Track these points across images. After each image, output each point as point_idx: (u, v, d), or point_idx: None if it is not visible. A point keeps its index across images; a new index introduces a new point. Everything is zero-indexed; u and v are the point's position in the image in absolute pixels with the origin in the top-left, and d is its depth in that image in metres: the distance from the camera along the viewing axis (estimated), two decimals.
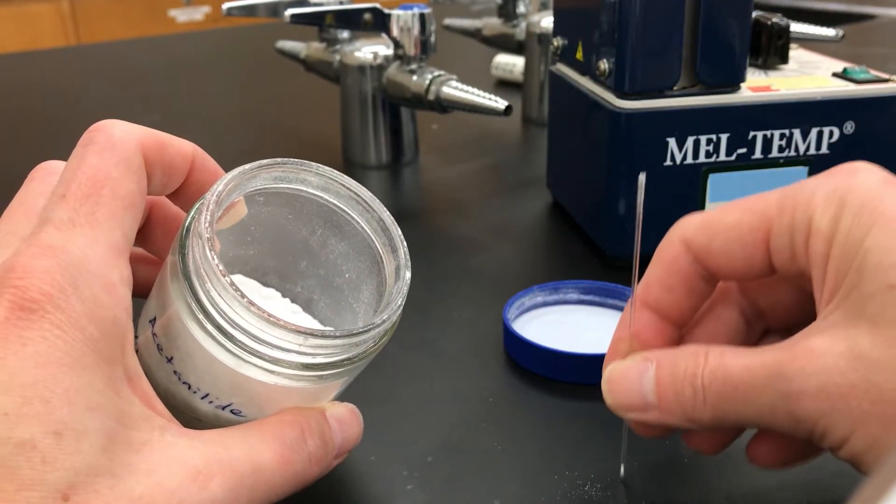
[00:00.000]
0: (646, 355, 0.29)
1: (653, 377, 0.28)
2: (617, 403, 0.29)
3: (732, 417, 0.27)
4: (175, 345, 0.29)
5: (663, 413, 0.28)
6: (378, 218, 0.32)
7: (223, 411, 0.29)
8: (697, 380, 0.27)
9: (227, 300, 0.27)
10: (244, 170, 0.30)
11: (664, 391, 0.28)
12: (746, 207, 0.28)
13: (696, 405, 0.27)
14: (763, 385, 0.26)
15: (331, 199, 0.32)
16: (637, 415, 0.29)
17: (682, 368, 0.27)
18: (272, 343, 0.27)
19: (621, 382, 0.29)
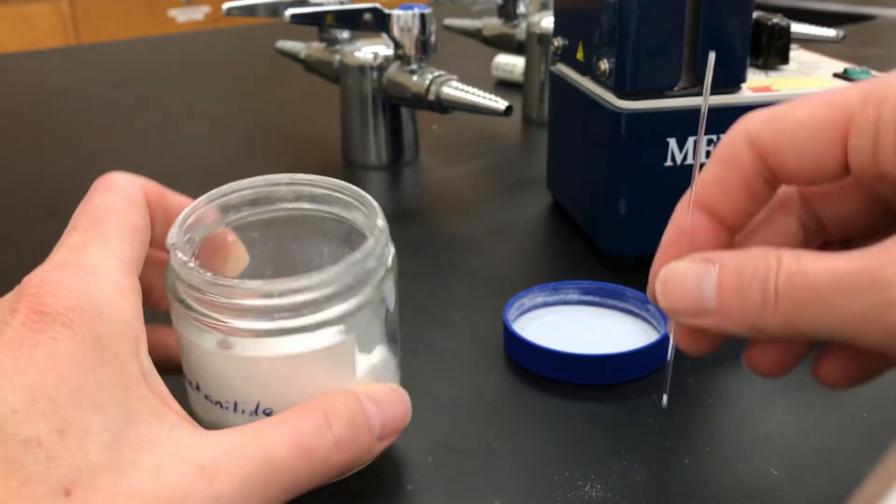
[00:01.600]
0: (706, 255, 0.26)
1: (714, 280, 0.25)
2: (671, 306, 0.27)
3: (808, 327, 0.24)
4: (191, 366, 0.30)
5: (722, 318, 0.25)
6: (354, 196, 0.33)
7: (257, 416, 0.30)
8: (770, 284, 0.24)
9: (198, 283, 0.28)
10: (215, 191, 0.33)
11: (727, 296, 0.25)
12: (823, 101, 0.25)
13: (764, 312, 0.24)
14: (853, 292, 0.23)
15: (306, 205, 0.34)
16: (693, 320, 0.26)
17: (749, 270, 0.25)
18: (255, 306, 0.28)
19: (678, 284, 0.26)
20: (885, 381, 0.40)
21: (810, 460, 0.34)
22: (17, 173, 0.75)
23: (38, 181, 0.72)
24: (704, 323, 0.26)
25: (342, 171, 0.72)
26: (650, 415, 0.37)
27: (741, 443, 0.36)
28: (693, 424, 0.37)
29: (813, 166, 0.26)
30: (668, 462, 0.34)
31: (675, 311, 0.27)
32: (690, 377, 0.40)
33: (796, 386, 0.40)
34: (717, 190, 0.27)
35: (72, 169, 0.75)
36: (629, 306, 0.44)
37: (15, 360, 0.24)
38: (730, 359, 0.42)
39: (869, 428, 0.36)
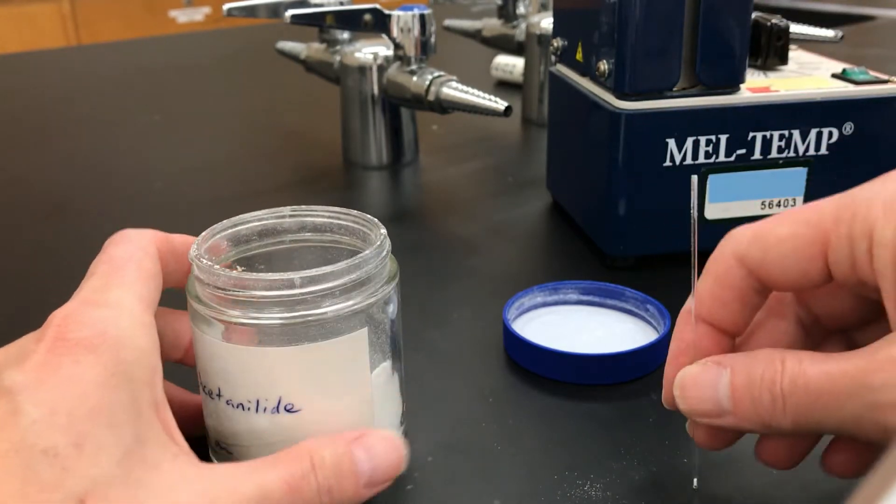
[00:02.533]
0: (718, 359, 0.28)
1: (727, 383, 0.28)
2: (691, 409, 0.29)
3: (814, 425, 0.26)
4: (212, 370, 0.31)
5: (739, 419, 0.28)
6: (353, 219, 0.35)
7: (279, 414, 0.31)
8: (777, 387, 0.26)
9: (223, 282, 0.30)
10: (225, 221, 0.35)
11: (740, 397, 0.27)
12: (800, 219, 0.28)
13: (774, 412, 0.27)
14: (847, 395, 0.25)
15: (310, 235, 0.36)
16: (711, 420, 0.28)
17: (758, 374, 0.27)
18: (278, 297, 0.30)
19: (695, 388, 0.29)
20: None
21: (809, 458, 0.34)
22: (17, 173, 0.75)
23: (38, 181, 0.72)
24: (723, 423, 0.28)
25: (342, 172, 0.72)
26: (650, 414, 0.38)
27: (741, 442, 0.36)
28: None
29: (799, 277, 0.28)
30: (667, 461, 0.34)
31: (695, 413, 0.29)
32: None
33: None
34: (713, 303, 0.30)
35: (72, 169, 0.75)
36: (628, 306, 0.45)
37: (39, 379, 0.26)
38: None
39: None
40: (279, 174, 0.72)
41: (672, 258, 0.52)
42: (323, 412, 0.31)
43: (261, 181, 0.71)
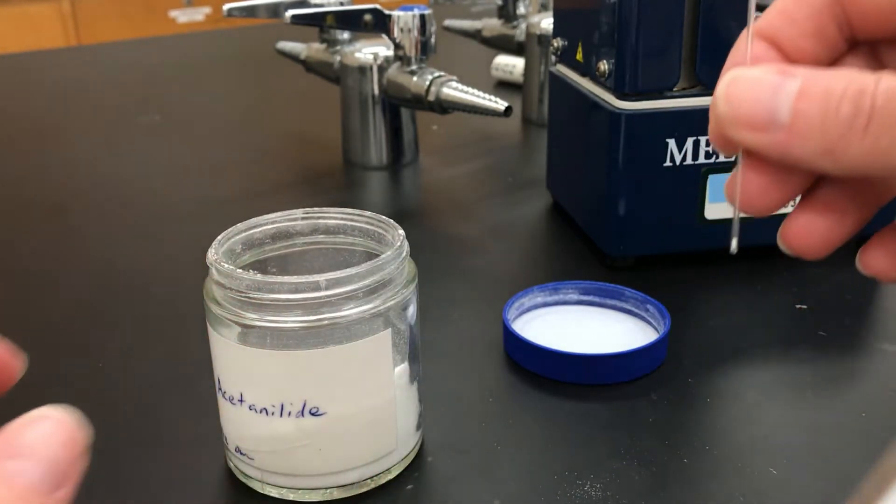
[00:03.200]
0: (784, 69, 0.22)
1: (795, 89, 0.21)
2: (734, 112, 0.22)
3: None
4: (235, 374, 0.31)
5: (794, 136, 0.21)
6: (366, 220, 0.35)
7: (304, 417, 0.31)
8: (865, 98, 0.20)
9: (245, 285, 0.30)
10: (239, 225, 0.35)
11: (807, 107, 0.21)
12: None
13: (851, 131, 0.20)
14: None
15: (323, 238, 0.36)
16: (756, 135, 0.22)
17: (840, 84, 0.21)
18: (302, 300, 0.30)
19: (748, 89, 0.22)
20: (884, 382, 0.40)
21: (809, 460, 0.34)
22: (16, 173, 0.75)
23: (38, 181, 0.72)
24: (769, 141, 0.22)
25: (342, 172, 0.72)
26: (649, 414, 0.38)
27: (740, 442, 0.36)
28: (692, 424, 0.37)
29: (885, 17, 0.23)
30: (667, 461, 0.34)
31: (739, 118, 0.22)
32: (689, 376, 0.40)
33: (794, 385, 0.40)
34: (783, 20, 0.24)
35: (72, 169, 0.75)
36: (628, 306, 0.45)
37: None
38: (729, 358, 0.42)
39: (868, 428, 0.36)
40: (279, 174, 0.72)
41: (672, 258, 0.52)
42: (347, 415, 0.31)
43: (261, 181, 0.71)
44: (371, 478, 0.33)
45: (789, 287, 0.49)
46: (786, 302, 0.47)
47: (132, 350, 0.45)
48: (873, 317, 0.46)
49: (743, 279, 0.50)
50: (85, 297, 0.51)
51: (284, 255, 0.35)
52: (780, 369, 0.41)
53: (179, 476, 0.35)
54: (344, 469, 0.32)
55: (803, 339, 0.43)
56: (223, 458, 0.35)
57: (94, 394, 0.41)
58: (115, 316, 0.49)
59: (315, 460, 0.32)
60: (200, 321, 0.33)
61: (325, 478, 0.32)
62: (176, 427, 0.38)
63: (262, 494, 0.33)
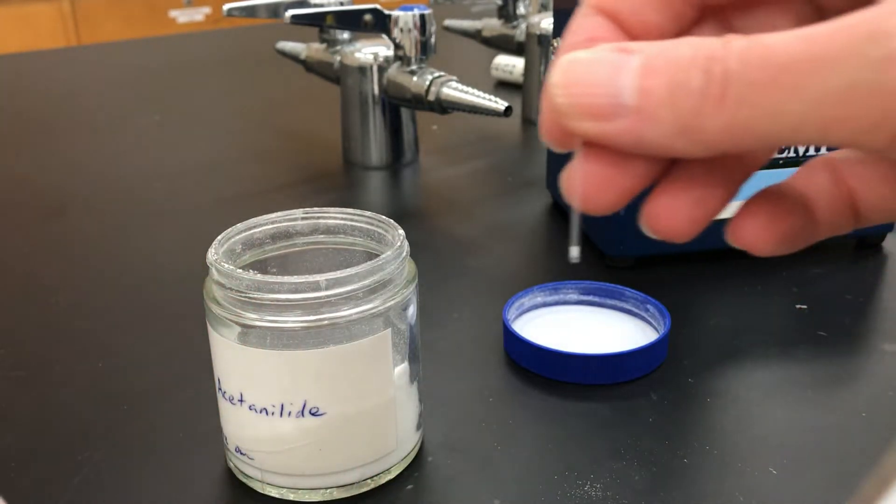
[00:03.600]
0: (622, 45, 0.19)
1: (637, 65, 0.18)
2: (573, 102, 0.19)
3: (763, 123, 0.17)
4: (234, 374, 0.31)
5: (643, 120, 0.18)
6: (366, 220, 0.35)
7: (304, 418, 0.31)
8: (716, 64, 0.17)
9: (245, 285, 0.30)
10: (239, 225, 0.34)
11: (653, 83, 0.18)
12: None
13: (705, 104, 0.18)
14: (839, 54, 0.16)
15: (323, 238, 0.36)
16: (601, 124, 0.19)
17: (687, 54, 0.18)
18: (302, 300, 0.30)
19: (584, 71, 0.19)
20: (884, 382, 0.40)
21: (809, 460, 0.34)
22: (16, 173, 0.75)
23: (38, 181, 0.72)
24: (617, 129, 0.19)
25: (342, 172, 0.72)
26: (650, 414, 0.38)
27: (740, 442, 0.36)
28: (692, 424, 0.37)
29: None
30: (666, 461, 0.34)
31: (577, 109, 0.19)
32: (689, 376, 0.40)
33: (794, 385, 0.40)
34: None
35: (72, 169, 0.75)
36: (628, 306, 0.45)
37: None
38: (728, 358, 0.42)
39: (868, 428, 0.36)
40: (279, 174, 0.72)
41: (672, 258, 0.52)
42: (348, 415, 0.31)
43: (260, 181, 0.71)
44: (371, 478, 0.33)
45: (789, 287, 0.49)
46: (786, 302, 0.47)
47: (132, 350, 0.45)
48: (873, 317, 0.46)
49: (743, 279, 0.50)
50: (84, 297, 0.51)
51: (284, 255, 0.35)
52: (780, 369, 0.41)
53: (179, 476, 0.35)
54: (344, 469, 0.32)
55: (803, 339, 0.43)
56: (223, 458, 0.35)
57: (93, 394, 0.41)
58: (115, 316, 0.48)
59: (315, 460, 0.32)
60: (200, 321, 0.33)
61: (325, 478, 0.32)
62: (176, 427, 0.38)
63: (262, 494, 0.33)
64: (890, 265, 0.52)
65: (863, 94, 0.16)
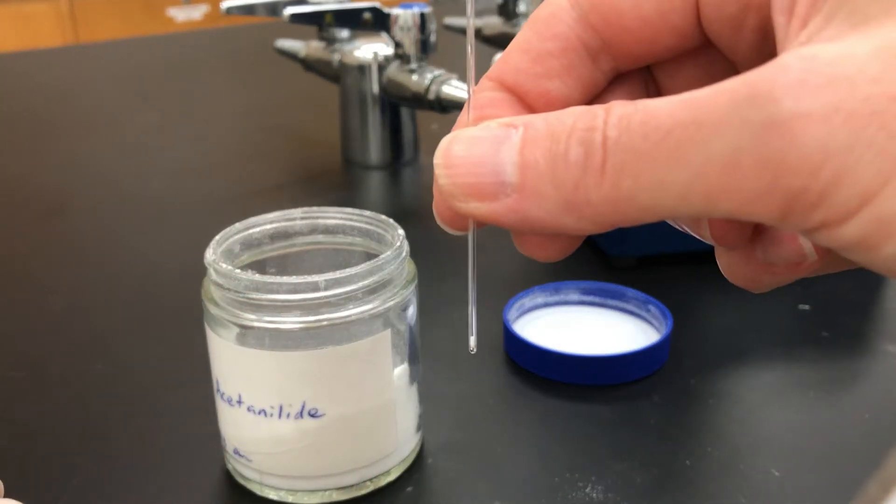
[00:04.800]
0: (507, 121, 0.18)
1: (518, 141, 0.18)
2: (454, 182, 0.19)
3: (646, 192, 0.16)
4: (232, 375, 0.31)
5: (526, 197, 0.18)
6: (365, 220, 0.35)
7: (303, 419, 0.31)
8: (596, 133, 0.17)
9: (244, 286, 0.30)
10: (237, 224, 0.34)
11: (532, 157, 0.18)
12: None
13: (585, 175, 0.17)
14: (720, 120, 0.15)
15: (322, 238, 0.35)
16: (485, 204, 0.18)
17: (567, 125, 0.17)
18: (302, 300, 0.30)
19: (466, 152, 0.18)
20: (887, 383, 0.40)
21: (811, 461, 0.34)
22: (15, 172, 0.75)
23: (37, 180, 0.72)
24: (502, 209, 0.18)
25: (341, 171, 0.72)
26: (651, 416, 0.37)
27: (742, 444, 0.35)
28: (694, 425, 0.37)
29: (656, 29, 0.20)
30: (668, 463, 0.34)
31: (462, 189, 0.19)
32: (691, 377, 0.40)
33: (797, 386, 0.40)
34: (522, 59, 0.20)
35: (70, 168, 0.75)
36: (630, 307, 0.44)
37: None
38: (730, 359, 0.42)
39: (869, 429, 0.36)
40: (278, 173, 0.72)
41: (673, 258, 0.51)
42: (347, 416, 0.31)
43: (259, 180, 0.71)
44: (370, 479, 0.33)
45: (792, 288, 0.48)
46: (788, 303, 0.47)
47: (130, 351, 0.44)
48: (876, 318, 0.46)
49: None
50: (83, 297, 0.51)
51: (283, 255, 0.35)
52: (782, 370, 0.41)
53: (177, 478, 0.34)
54: (343, 471, 0.32)
55: (806, 341, 0.43)
56: (222, 460, 0.35)
57: (91, 395, 0.40)
58: (113, 316, 0.48)
59: (314, 462, 0.32)
60: (199, 322, 0.33)
61: (324, 479, 0.32)
62: (174, 428, 0.37)
63: (260, 496, 0.33)
64: None
65: (746, 163, 0.15)
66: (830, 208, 0.15)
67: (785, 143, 0.15)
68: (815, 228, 0.15)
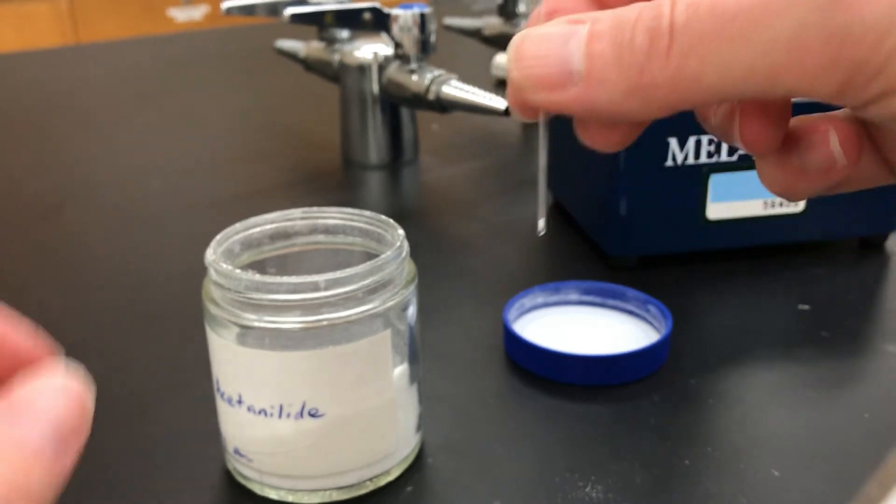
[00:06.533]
0: (574, 17, 0.19)
1: (585, 34, 0.19)
2: (524, 74, 0.20)
3: (710, 75, 0.18)
4: (232, 375, 0.31)
5: (593, 83, 0.19)
6: (365, 220, 0.35)
7: (303, 419, 0.31)
8: (662, 20, 0.18)
9: (244, 286, 0.30)
10: (237, 225, 0.34)
11: (599, 47, 0.19)
12: None
13: (650, 59, 0.18)
14: (784, 2, 0.16)
15: (322, 238, 0.35)
16: (553, 94, 0.19)
17: (632, 15, 0.18)
18: (302, 300, 0.30)
19: (538, 46, 0.20)
20: (887, 383, 0.40)
21: (811, 461, 0.34)
22: (14, 172, 0.75)
23: (36, 180, 0.72)
24: (570, 98, 0.19)
25: (341, 171, 0.72)
26: (651, 416, 0.37)
27: (741, 444, 0.35)
28: (693, 425, 0.37)
29: None
30: (668, 463, 0.34)
31: (531, 81, 0.20)
32: (691, 378, 0.40)
33: (796, 386, 0.40)
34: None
35: (70, 168, 0.75)
36: (630, 306, 0.44)
37: None
38: (730, 359, 0.42)
39: (869, 429, 0.36)
40: (278, 174, 0.72)
41: (674, 258, 0.51)
42: (347, 416, 0.31)
43: (259, 181, 0.71)
44: (370, 479, 0.33)
45: (791, 287, 0.49)
46: (788, 302, 0.47)
47: (130, 351, 0.44)
48: (876, 318, 0.46)
49: (745, 279, 0.50)
50: (82, 297, 0.51)
51: (283, 255, 0.35)
52: (781, 370, 0.41)
53: (178, 478, 0.34)
54: (343, 471, 0.32)
55: (805, 340, 0.43)
56: (222, 460, 0.35)
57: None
58: (113, 316, 0.48)
59: (314, 462, 0.32)
60: (199, 322, 0.33)
61: (325, 479, 0.32)
62: (174, 428, 0.37)
63: (260, 496, 0.33)
64: (892, 266, 0.51)
65: (811, 39, 0.16)
66: (890, 79, 0.16)
67: (848, 17, 0.16)
68: (872, 100, 0.16)
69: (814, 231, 0.51)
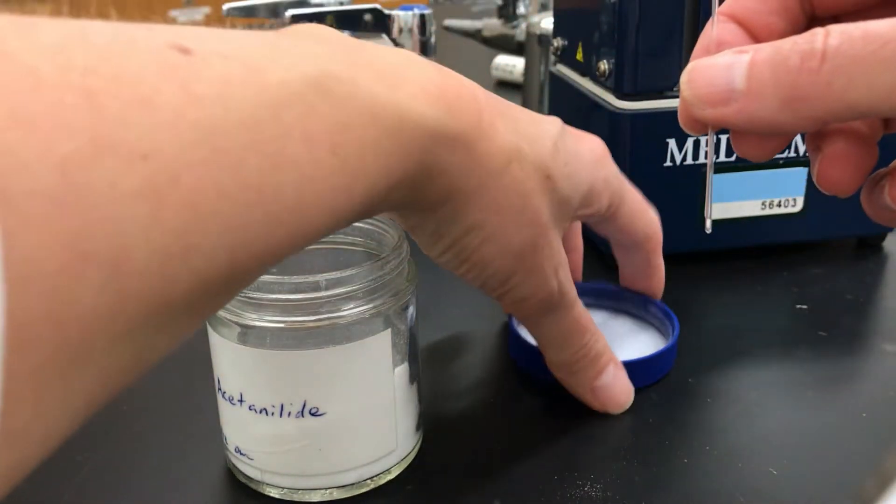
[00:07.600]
0: (740, 48, 0.23)
1: (746, 61, 0.23)
2: (695, 94, 0.24)
3: (857, 93, 0.21)
4: (233, 374, 0.31)
5: (752, 98, 0.22)
6: (366, 221, 0.35)
7: (304, 418, 0.31)
8: (816, 44, 0.21)
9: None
10: None
11: (759, 69, 0.22)
12: None
13: (802, 74, 0.21)
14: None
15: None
16: (718, 109, 0.23)
17: (788, 44, 0.22)
18: (302, 300, 0.30)
19: (704, 71, 0.24)
20: (885, 382, 0.40)
21: (809, 460, 0.34)
22: None
23: None
24: (731, 112, 0.23)
25: None
26: (650, 414, 0.38)
27: (740, 443, 0.36)
28: (692, 424, 0.37)
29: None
30: (667, 462, 0.34)
31: (699, 99, 0.24)
32: (690, 377, 0.40)
33: (795, 386, 0.40)
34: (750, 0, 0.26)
35: None
36: (630, 307, 0.44)
37: None
38: (730, 358, 0.42)
39: (868, 428, 0.36)
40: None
41: (673, 258, 0.51)
42: (348, 415, 0.31)
43: None
44: (371, 478, 0.33)
45: (789, 287, 0.49)
46: (786, 302, 0.47)
47: None
48: (874, 317, 0.46)
49: (743, 279, 0.50)
50: None
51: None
52: (780, 369, 0.41)
53: (179, 476, 0.35)
54: (344, 469, 0.32)
55: (803, 340, 0.43)
56: (223, 459, 0.35)
57: None
58: None
59: (315, 460, 0.32)
60: None
61: (325, 478, 0.32)
62: (175, 427, 0.38)
63: (261, 495, 0.33)
64: (890, 265, 0.52)
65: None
66: None
67: None
68: None
69: (812, 231, 0.51)
